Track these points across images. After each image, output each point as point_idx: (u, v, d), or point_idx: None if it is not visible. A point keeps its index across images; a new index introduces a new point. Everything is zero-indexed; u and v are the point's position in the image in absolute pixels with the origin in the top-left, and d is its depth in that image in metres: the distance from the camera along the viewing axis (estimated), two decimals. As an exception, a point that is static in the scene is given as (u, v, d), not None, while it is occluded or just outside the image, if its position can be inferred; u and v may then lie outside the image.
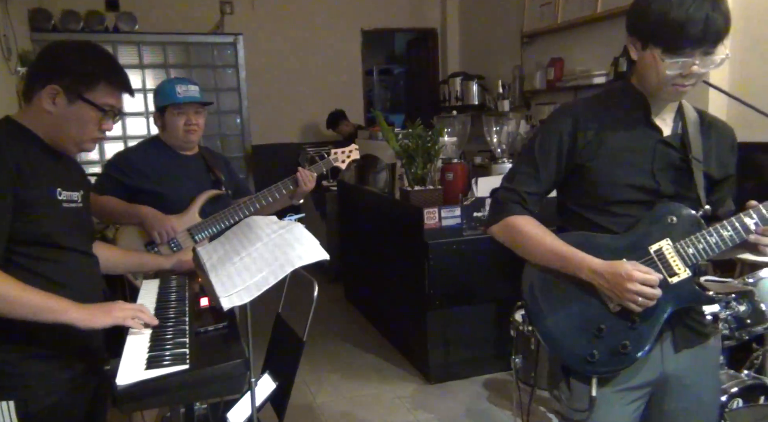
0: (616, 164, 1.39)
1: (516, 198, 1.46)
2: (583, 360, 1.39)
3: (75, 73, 1.44)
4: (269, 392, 2.02)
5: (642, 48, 1.34)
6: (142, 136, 5.27)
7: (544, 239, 1.41)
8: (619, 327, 1.37)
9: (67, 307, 1.37)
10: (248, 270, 1.42)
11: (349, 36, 6.42)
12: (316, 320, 2.00)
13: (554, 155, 1.43)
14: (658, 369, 1.42)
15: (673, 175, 1.41)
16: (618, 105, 1.43)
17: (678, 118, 1.45)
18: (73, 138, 1.49)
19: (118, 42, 5.09)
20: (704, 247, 1.34)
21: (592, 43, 4.43)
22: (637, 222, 1.39)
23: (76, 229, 1.52)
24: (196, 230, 2.32)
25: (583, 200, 1.44)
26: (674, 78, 1.32)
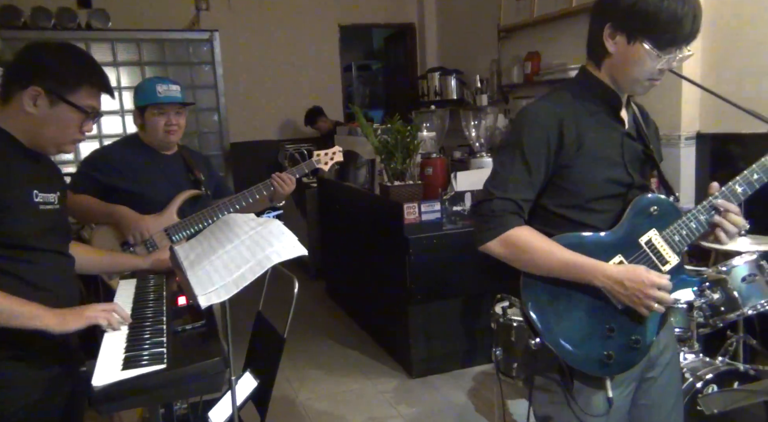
0: (595, 161, 1.39)
1: (514, 208, 1.37)
2: (600, 363, 1.37)
3: (57, 75, 1.44)
4: (251, 390, 2.01)
5: (628, 42, 1.34)
6: (118, 135, 5.19)
7: (552, 251, 1.34)
8: (628, 322, 1.38)
9: (40, 313, 1.36)
10: (226, 267, 1.41)
11: (326, 32, 6.39)
12: (297, 317, 1.99)
13: (544, 158, 1.37)
14: (646, 358, 1.46)
15: (639, 166, 1.45)
16: (590, 100, 1.43)
17: (630, 109, 1.48)
18: (53, 139, 1.48)
19: (91, 39, 5.00)
20: (687, 233, 1.39)
21: (567, 37, 4.47)
22: (617, 216, 1.41)
23: (52, 231, 1.51)
24: (173, 230, 2.29)
25: (563, 199, 1.40)
26: (655, 73, 1.34)
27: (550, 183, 1.41)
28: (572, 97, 1.42)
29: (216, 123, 5.52)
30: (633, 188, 1.42)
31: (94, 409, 1.18)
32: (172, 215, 2.31)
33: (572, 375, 1.40)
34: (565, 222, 1.40)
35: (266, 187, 2.40)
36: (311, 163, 2.56)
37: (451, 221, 3.34)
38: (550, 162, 1.38)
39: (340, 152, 2.63)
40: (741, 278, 2.32)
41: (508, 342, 2.45)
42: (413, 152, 3.50)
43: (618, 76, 1.40)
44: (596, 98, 1.42)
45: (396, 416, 2.99)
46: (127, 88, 5.20)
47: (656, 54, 1.31)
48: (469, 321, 3.42)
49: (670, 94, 3.42)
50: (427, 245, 3.28)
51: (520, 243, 1.36)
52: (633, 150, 1.43)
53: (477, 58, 5.66)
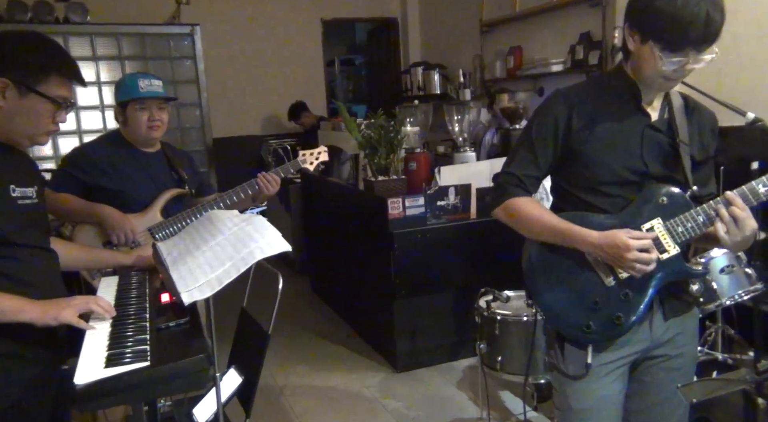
0: (607, 148, 1.45)
1: (515, 181, 1.53)
2: (579, 331, 1.48)
3: (25, 66, 1.40)
4: (235, 387, 2.01)
5: (641, 41, 1.37)
6: (98, 130, 5.12)
7: (542, 217, 1.48)
8: (613, 300, 1.45)
9: (23, 306, 1.35)
10: (209, 264, 1.40)
11: (309, 26, 6.36)
12: (281, 313, 1.99)
13: (551, 140, 1.49)
14: (647, 340, 1.51)
15: (662, 157, 1.47)
16: (610, 91, 1.49)
17: (665, 103, 1.51)
18: (26, 132, 1.45)
19: (69, 33, 4.92)
20: (692, 226, 1.42)
21: (549, 31, 4.50)
22: (629, 202, 1.45)
23: (31, 226, 1.49)
24: (157, 230, 2.27)
25: (577, 181, 1.50)
26: (668, 73, 1.37)
27: (565, 164, 1.52)
28: (596, 88, 1.52)
29: (198, 118, 5.47)
30: (650, 178, 1.45)
31: (76, 408, 1.17)
32: (156, 214, 2.28)
33: (562, 339, 1.53)
34: (579, 202, 1.50)
35: (251, 186, 2.38)
36: (296, 163, 2.55)
37: (435, 216, 3.35)
38: (558, 143, 1.49)
39: (326, 152, 2.62)
40: (719, 269, 2.37)
41: (492, 336, 2.47)
42: (397, 147, 3.50)
43: (636, 70, 1.44)
44: (620, 90, 1.48)
45: (381, 410, 3.00)
46: (106, 83, 5.13)
47: (661, 57, 1.33)
48: (454, 315, 3.44)
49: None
50: (411, 240, 3.29)
51: (516, 211, 1.52)
52: (655, 141, 1.47)
53: (460, 52, 5.67)
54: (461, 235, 3.39)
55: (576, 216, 1.47)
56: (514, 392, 3.00)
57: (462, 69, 5.39)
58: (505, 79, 4.93)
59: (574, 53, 4.16)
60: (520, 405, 2.91)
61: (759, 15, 3.05)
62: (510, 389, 3.01)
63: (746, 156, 2.63)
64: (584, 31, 4.11)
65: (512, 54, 4.80)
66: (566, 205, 1.53)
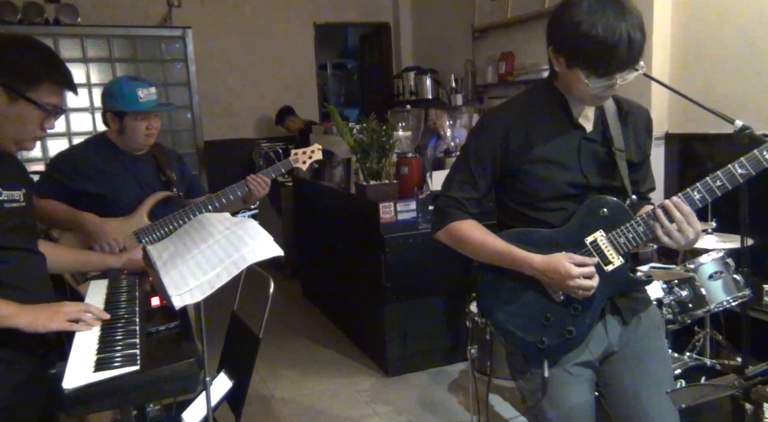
0: (547, 165, 1.45)
1: (456, 204, 1.53)
2: (535, 348, 1.49)
3: (16, 72, 1.38)
4: (225, 391, 2.00)
5: (567, 66, 1.37)
6: (88, 132, 5.08)
7: (485, 241, 1.49)
8: (564, 314, 1.48)
9: (12, 311, 1.33)
10: (200, 267, 1.39)
11: (301, 30, 6.36)
12: (272, 317, 1.98)
13: (488, 163, 1.49)
14: (604, 344, 1.52)
15: (599, 168, 1.48)
16: (543, 107, 1.49)
17: (598, 112, 1.51)
18: (13, 137, 1.43)
19: (60, 35, 4.89)
20: (633, 236, 1.44)
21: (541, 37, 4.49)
22: (571, 215, 1.47)
23: (19, 229, 1.47)
24: (143, 233, 2.23)
25: (519, 197, 1.51)
26: (598, 92, 1.38)
27: (506, 182, 1.52)
28: (529, 105, 1.51)
29: (189, 121, 5.45)
30: (590, 189, 1.47)
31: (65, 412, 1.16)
32: (143, 217, 2.24)
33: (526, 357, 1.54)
34: (524, 218, 1.51)
35: (241, 188, 2.35)
36: (288, 163, 2.51)
37: (427, 220, 3.36)
38: (496, 165, 1.50)
39: (320, 150, 2.57)
40: (708, 275, 2.38)
41: (483, 341, 2.48)
42: (389, 151, 3.51)
43: (567, 90, 1.46)
44: (552, 106, 1.49)
45: (372, 414, 2.99)
46: (97, 85, 5.10)
47: (589, 83, 1.34)
48: (445, 320, 3.44)
49: (639, 94, 3.49)
50: (402, 244, 3.29)
51: (458, 235, 1.52)
52: (591, 152, 1.48)
53: (452, 57, 5.69)
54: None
55: (520, 234, 1.49)
56: (504, 396, 3.00)
57: (454, 74, 5.41)
58: (497, 84, 4.95)
59: (565, 59, 4.19)
60: (510, 409, 2.91)
61: (746, 23, 3.09)
62: (501, 393, 3.01)
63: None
64: (575, 37, 4.15)
65: (504, 59, 4.83)
66: (510, 220, 1.55)
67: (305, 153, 2.55)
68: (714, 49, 3.23)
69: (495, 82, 4.96)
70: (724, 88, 3.20)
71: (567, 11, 1.33)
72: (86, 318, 1.43)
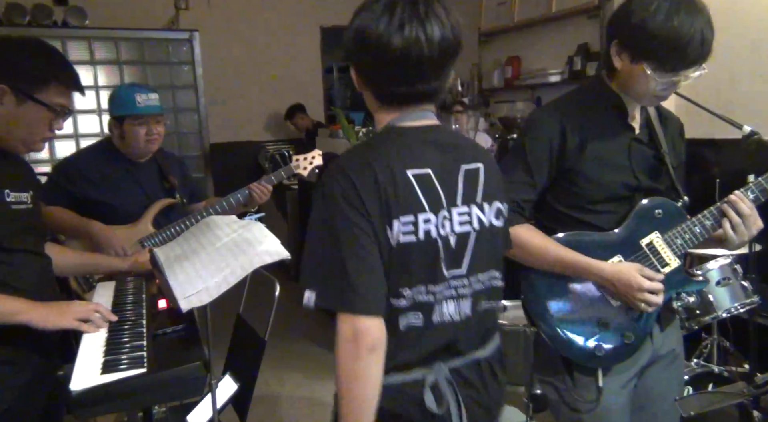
0: (600, 165, 1.43)
1: (514, 207, 1.44)
2: (590, 355, 1.43)
3: (25, 73, 1.39)
4: (231, 393, 2.00)
5: (631, 61, 1.36)
6: (95, 135, 5.10)
7: (548, 248, 1.42)
8: (621, 319, 1.43)
9: (23, 308, 1.35)
10: (207, 270, 1.39)
11: (307, 33, 6.38)
12: (277, 319, 1.98)
13: (546, 160, 1.44)
14: (650, 351, 1.50)
15: (648, 170, 1.47)
16: (596, 106, 1.47)
17: (644, 115, 1.51)
18: (22, 138, 1.44)
19: (68, 37, 4.92)
20: (690, 237, 1.43)
21: (547, 42, 4.53)
22: (621, 218, 1.44)
23: (26, 231, 1.48)
24: (148, 241, 2.23)
25: (568, 200, 1.47)
26: (659, 90, 1.37)
27: (556, 184, 1.47)
28: (580, 104, 1.48)
29: (195, 123, 5.47)
30: (640, 191, 1.45)
31: (72, 414, 1.16)
32: (147, 225, 2.24)
33: (570, 365, 1.46)
34: (571, 221, 1.46)
35: (243, 194, 2.36)
36: (290, 169, 2.52)
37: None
38: (553, 165, 1.44)
39: (320, 156, 2.57)
40: (716, 281, 2.37)
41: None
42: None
43: (624, 89, 1.43)
44: (605, 105, 1.46)
45: (376, 419, 2.98)
46: (104, 87, 5.13)
47: (656, 77, 1.33)
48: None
49: (647, 99, 3.48)
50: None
51: (519, 241, 1.41)
52: (642, 154, 1.47)
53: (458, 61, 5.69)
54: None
55: (574, 237, 1.44)
56: (510, 402, 2.99)
57: (460, 78, 5.41)
58: (503, 88, 4.95)
59: (571, 64, 4.19)
60: (516, 414, 2.90)
61: (754, 29, 3.08)
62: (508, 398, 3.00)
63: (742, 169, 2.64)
64: (582, 42, 4.14)
65: (510, 64, 4.83)
66: (553, 223, 1.49)
67: (306, 159, 2.55)
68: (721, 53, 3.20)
69: (501, 86, 4.96)
70: (732, 93, 3.19)
71: (639, 5, 1.33)
72: (95, 318, 1.43)
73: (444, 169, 1.12)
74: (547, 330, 1.45)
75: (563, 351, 1.45)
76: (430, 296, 1.10)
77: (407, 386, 1.10)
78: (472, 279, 1.14)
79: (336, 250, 1.03)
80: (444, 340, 1.12)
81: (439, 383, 1.11)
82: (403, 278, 1.07)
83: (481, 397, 1.17)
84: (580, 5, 4.07)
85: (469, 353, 1.16)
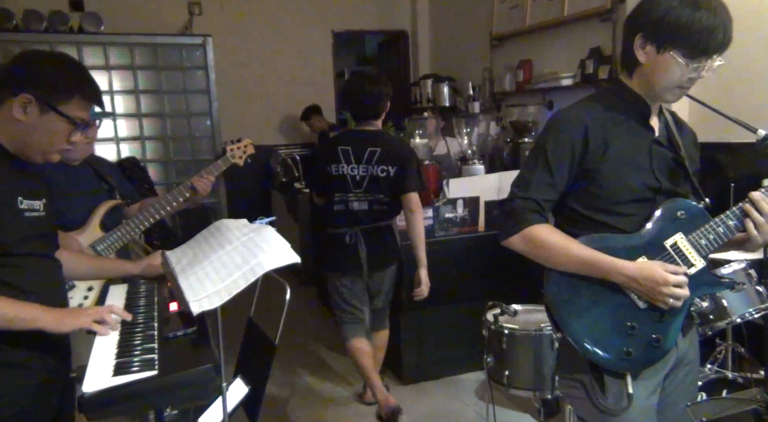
0: (622, 166, 1.43)
1: (534, 206, 1.44)
2: (619, 359, 1.41)
3: (50, 84, 1.43)
4: (241, 396, 2.00)
5: (657, 52, 1.37)
6: (110, 139, 5.17)
7: (569, 247, 1.41)
8: (649, 321, 1.41)
9: (38, 314, 1.36)
10: (218, 273, 1.40)
11: (320, 38, 6.41)
12: (288, 323, 1.99)
13: (567, 161, 1.43)
14: (675, 357, 1.49)
15: (668, 172, 1.47)
16: (618, 108, 1.47)
17: (662, 118, 1.52)
18: (40, 148, 1.47)
19: (83, 43, 4.99)
20: (714, 237, 1.41)
21: (559, 45, 4.51)
22: (644, 220, 1.43)
23: (38, 238, 1.50)
24: (99, 245, 2.19)
25: (590, 202, 1.45)
26: (684, 81, 1.38)
27: (577, 185, 1.46)
28: (602, 106, 1.47)
29: (208, 127, 5.52)
30: (661, 193, 1.45)
31: (84, 416, 1.18)
32: (96, 229, 2.20)
33: (599, 370, 1.43)
34: (592, 224, 1.45)
35: (186, 188, 2.38)
36: (227, 159, 2.53)
37: (444, 228, 3.35)
38: (574, 166, 1.43)
39: (251, 145, 2.59)
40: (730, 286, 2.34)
41: (499, 350, 2.46)
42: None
43: (648, 84, 1.43)
44: (626, 106, 1.47)
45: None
46: (119, 92, 5.19)
47: (685, 63, 1.34)
48: (461, 329, 3.42)
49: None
50: (419, 252, 3.28)
51: (539, 240, 1.41)
52: (662, 156, 1.46)
53: (469, 65, 5.69)
54: (469, 248, 3.38)
55: (596, 239, 1.42)
56: (521, 407, 2.97)
57: (471, 81, 5.40)
58: (515, 92, 4.93)
59: (583, 67, 4.16)
60: (527, 420, 2.88)
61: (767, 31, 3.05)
62: (517, 404, 2.98)
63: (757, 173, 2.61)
64: (594, 45, 4.12)
65: (522, 67, 4.81)
66: (571, 226, 1.48)
67: (240, 148, 2.56)
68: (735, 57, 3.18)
69: (513, 90, 4.94)
70: (746, 96, 3.15)
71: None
72: (109, 320, 1.45)
73: (356, 147, 2.85)
74: (573, 335, 1.42)
75: (591, 357, 1.42)
76: (345, 197, 2.87)
77: (339, 234, 2.89)
78: (368, 195, 2.85)
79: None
80: (353, 217, 2.87)
81: (351, 233, 2.86)
82: (335, 188, 2.88)
83: (374, 243, 2.89)
84: (592, 9, 4.05)
85: (366, 225, 2.86)
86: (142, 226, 2.26)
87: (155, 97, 5.31)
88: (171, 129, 5.40)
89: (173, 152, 5.42)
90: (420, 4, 6.49)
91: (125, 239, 2.24)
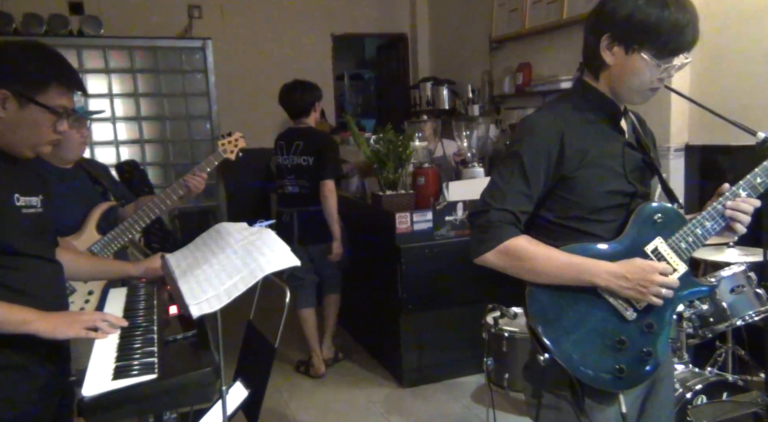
0: (598, 172, 1.38)
1: (511, 219, 1.36)
2: (612, 378, 1.36)
3: (23, 77, 1.39)
4: (241, 400, 2.00)
5: (626, 52, 1.34)
6: (109, 142, 5.17)
7: (551, 255, 1.35)
8: (638, 333, 1.37)
9: (31, 318, 1.35)
10: (218, 277, 1.40)
11: (319, 41, 6.41)
12: (288, 326, 1.99)
13: (543, 172, 1.37)
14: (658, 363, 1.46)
15: (639, 175, 1.44)
16: (588, 110, 1.42)
17: (629, 119, 1.49)
18: (27, 142, 1.43)
19: (83, 46, 4.99)
20: (694, 240, 1.39)
21: (558, 48, 4.52)
22: (621, 226, 1.40)
23: (36, 235, 1.48)
24: (97, 248, 2.20)
25: (565, 211, 1.40)
26: (654, 81, 1.35)
27: (551, 194, 1.40)
28: (573, 109, 1.42)
29: (208, 131, 5.53)
30: (636, 197, 1.42)
31: (84, 419, 1.17)
32: (93, 232, 2.20)
33: (583, 391, 1.37)
34: (569, 233, 1.40)
35: (180, 186, 2.38)
36: (218, 154, 2.51)
37: (443, 231, 3.35)
38: (550, 174, 1.37)
39: (242, 138, 2.57)
40: (730, 289, 2.34)
41: (499, 353, 2.46)
42: (405, 162, 3.51)
43: (617, 86, 1.39)
44: (596, 109, 1.42)
45: (387, 426, 2.98)
46: (118, 96, 5.19)
47: (655, 64, 1.31)
48: (461, 331, 3.42)
49: (659, 106, 3.46)
50: (418, 254, 3.28)
51: (519, 252, 1.35)
52: (634, 159, 1.43)
53: (469, 68, 5.69)
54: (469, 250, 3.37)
55: (576, 249, 1.36)
56: (521, 410, 2.97)
57: (471, 84, 5.41)
58: (514, 95, 4.94)
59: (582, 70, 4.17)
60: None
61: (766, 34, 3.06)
62: (517, 407, 2.98)
63: (756, 175, 2.62)
64: (593, 48, 4.13)
65: (521, 70, 4.81)
66: (550, 239, 1.39)
67: (230, 142, 2.54)
68: (735, 59, 3.19)
69: (512, 93, 4.94)
70: (746, 99, 3.16)
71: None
72: (103, 327, 1.44)
73: (288, 141, 3.56)
74: (563, 356, 1.35)
75: (581, 377, 1.35)
76: (282, 182, 3.60)
77: (279, 213, 3.62)
78: (297, 179, 3.52)
79: None
80: (287, 199, 3.58)
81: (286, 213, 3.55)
82: (278, 176, 3.63)
83: (305, 222, 3.49)
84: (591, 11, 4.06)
85: (299, 207, 3.51)
86: (138, 226, 2.25)
87: (155, 100, 5.32)
88: (171, 132, 5.40)
89: (173, 155, 5.43)
90: (419, 7, 6.50)
91: (122, 240, 2.23)
